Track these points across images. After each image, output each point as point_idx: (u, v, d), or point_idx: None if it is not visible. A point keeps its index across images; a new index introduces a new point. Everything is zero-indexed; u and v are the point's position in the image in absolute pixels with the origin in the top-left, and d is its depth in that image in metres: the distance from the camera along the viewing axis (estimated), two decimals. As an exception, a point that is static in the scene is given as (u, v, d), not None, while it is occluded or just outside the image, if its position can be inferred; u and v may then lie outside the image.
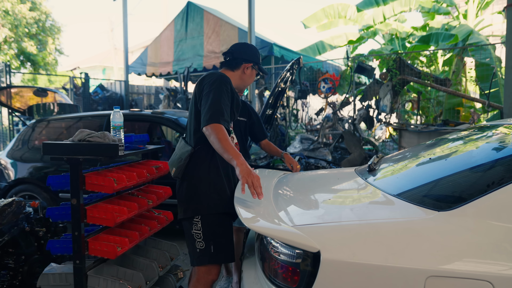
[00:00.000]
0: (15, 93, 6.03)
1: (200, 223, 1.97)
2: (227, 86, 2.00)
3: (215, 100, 1.90)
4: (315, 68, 9.63)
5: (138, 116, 4.32)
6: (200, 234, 1.96)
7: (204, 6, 9.84)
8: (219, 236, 1.98)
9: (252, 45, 2.33)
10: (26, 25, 15.36)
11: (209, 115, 1.86)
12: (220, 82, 1.97)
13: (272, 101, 4.15)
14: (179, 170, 2.03)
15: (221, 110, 1.88)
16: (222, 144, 1.80)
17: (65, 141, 2.10)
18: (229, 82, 2.05)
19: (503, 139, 1.92)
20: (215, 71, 2.11)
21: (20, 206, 2.73)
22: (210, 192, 2.00)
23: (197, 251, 1.97)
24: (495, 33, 10.77)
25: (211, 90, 1.94)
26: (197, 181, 2.01)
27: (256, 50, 2.31)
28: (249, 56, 2.22)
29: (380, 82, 6.57)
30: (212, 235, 1.97)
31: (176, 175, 2.06)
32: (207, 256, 1.95)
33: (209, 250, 1.95)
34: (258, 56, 2.28)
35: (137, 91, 12.40)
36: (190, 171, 2.03)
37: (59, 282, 2.23)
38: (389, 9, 10.01)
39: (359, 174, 2.26)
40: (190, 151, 2.01)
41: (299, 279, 1.39)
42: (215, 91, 1.93)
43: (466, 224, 1.36)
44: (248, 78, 2.24)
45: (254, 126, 2.97)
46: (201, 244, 1.96)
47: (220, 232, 1.99)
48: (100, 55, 29.81)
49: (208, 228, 1.97)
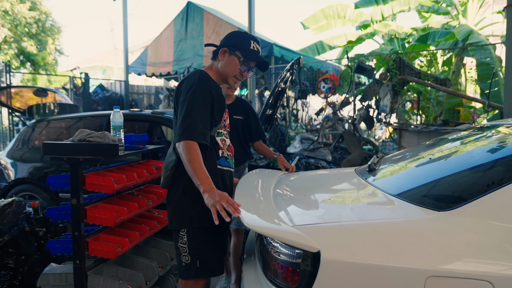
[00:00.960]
0: (15, 93, 6.03)
1: (185, 237, 1.85)
2: (205, 90, 1.83)
3: (188, 112, 1.76)
4: (315, 68, 9.64)
5: (138, 116, 4.32)
6: (186, 248, 1.85)
7: (204, 6, 9.84)
8: (205, 250, 1.86)
9: (241, 31, 2.06)
10: (26, 25, 15.36)
11: (181, 130, 1.74)
12: (196, 88, 1.81)
13: (272, 101, 4.15)
14: (166, 180, 1.92)
15: (194, 124, 1.74)
16: (191, 167, 1.69)
17: (65, 141, 2.10)
18: (208, 84, 1.87)
19: (503, 139, 1.92)
20: (195, 71, 1.94)
21: (20, 206, 2.73)
22: (195, 205, 1.84)
23: (182, 265, 1.86)
24: (495, 33, 10.78)
25: (186, 99, 1.80)
26: (182, 193, 1.88)
27: (240, 33, 2.01)
28: (226, 40, 1.97)
29: (380, 82, 6.57)
30: (198, 250, 1.85)
31: (164, 185, 1.94)
32: (192, 271, 1.84)
33: (195, 264, 1.84)
34: (240, 40, 1.96)
35: (137, 91, 12.41)
36: (176, 181, 1.90)
37: (59, 282, 2.23)
38: (388, 9, 10.01)
39: (359, 174, 2.26)
40: (175, 161, 1.87)
41: (299, 279, 1.39)
42: (190, 100, 1.79)
43: (466, 224, 1.36)
44: (225, 65, 1.94)
45: (250, 125, 2.93)
46: (186, 258, 1.85)
47: (206, 246, 1.87)
48: (100, 55, 29.80)
49: (194, 242, 1.85)
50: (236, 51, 1.92)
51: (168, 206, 1.94)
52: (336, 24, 10.96)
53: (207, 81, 1.89)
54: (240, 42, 1.94)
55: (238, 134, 2.88)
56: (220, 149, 1.97)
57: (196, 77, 1.86)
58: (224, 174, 1.97)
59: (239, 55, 1.92)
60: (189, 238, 1.85)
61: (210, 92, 1.86)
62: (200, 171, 1.69)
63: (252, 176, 2.43)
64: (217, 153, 1.95)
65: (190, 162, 1.70)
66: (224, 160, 1.98)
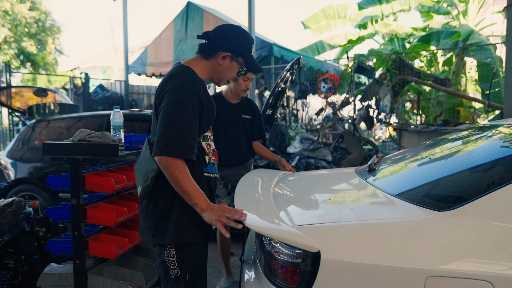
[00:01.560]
0: (15, 93, 6.03)
1: (173, 251, 1.68)
2: (194, 95, 1.61)
3: (172, 121, 1.54)
4: (315, 68, 9.63)
5: (138, 116, 4.32)
6: (174, 262, 1.69)
7: (204, 6, 9.84)
8: (194, 263, 1.73)
9: (240, 29, 1.76)
10: (26, 25, 15.35)
11: (163, 143, 1.52)
12: (184, 93, 1.58)
13: (272, 101, 4.15)
14: (146, 190, 1.68)
15: (181, 136, 1.53)
16: (181, 186, 1.53)
17: (65, 141, 2.10)
18: (197, 86, 1.65)
19: (503, 139, 1.92)
20: (182, 67, 1.70)
21: (20, 206, 2.73)
22: (182, 218, 1.66)
23: (171, 277, 1.71)
24: (495, 33, 10.78)
25: (171, 103, 1.56)
26: (167, 204, 1.68)
27: (244, 36, 1.76)
28: (229, 43, 1.70)
29: (380, 82, 6.57)
30: (188, 263, 1.71)
31: (142, 195, 1.70)
32: (182, 284, 1.70)
33: (185, 278, 1.70)
34: (245, 45, 1.74)
35: (137, 91, 12.39)
36: (159, 191, 1.68)
37: (59, 282, 2.23)
38: (388, 8, 10.01)
39: (359, 174, 2.26)
40: (157, 171, 1.62)
41: (299, 279, 1.39)
42: (176, 105, 1.56)
43: (466, 224, 1.36)
44: (224, 71, 1.75)
45: (254, 124, 2.99)
46: (175, 271, 1.70)
47: (195, 260, 1.74)
48: (100, 55, 29.81)
49: (183, 256, 1.70)
50: (238, 57, 1.73)
51: (148, 218, 1.72)
52: (336, 24, 10.95)
53: (196, 82, 1.66)
54: (245, 47, 1.74)
55: (246, 133, 2.95)
56: (206, 155, 1.78)
57: (184, 78, 1.63)
58: (211, 182, 1.81)
59: (242, 62, 1.75)
60: (177, 252, 1.69)
61: (199, 97, 1.64)
62: (192, 188, 1.54)
63: (252, 176, 2.43)
64: (204, 160, 1.77)
65: (179, 180, 1.52)
66: (211, 166, 1.82)
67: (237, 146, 2.89)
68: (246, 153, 2.97)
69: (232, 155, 2.87)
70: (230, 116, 2.88)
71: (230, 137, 2.88)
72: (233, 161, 2.89)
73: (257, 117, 3.00)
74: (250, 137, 2.99)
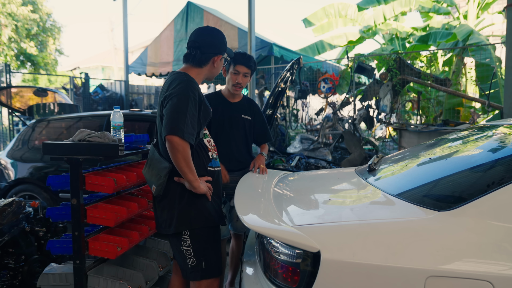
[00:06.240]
0: (15, 93, 6.04)
1: (189, 240, 1.91)
2: (195, 91, 1.88)
3: (180, 108, 1.79)
4: (315, 68, 9.63)
5: (138, 116, 4.32)
6: (190, 251, 1.91)
7: (204, 6, 9.84)
8: (209, 251, 1.95)
9: (215, 30, 2.06)
10: (27, 26, 15.35)
11: (174, 125, 1.76)
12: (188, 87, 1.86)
13: (272, 101, 4.14)
14: (160, 187, 1.91)
15: (186, 121, 1.78)
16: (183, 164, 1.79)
17: (65, 141, 2.10)
18: (197, 85, 1.94)
19: (503, 139, 1.92)
20: (179, 73, 1.95)
21: (20, 206, 2.73)
22: (193, 208, 1.92)
23: (188, 267, 1.93)
24: (495, 33, 10.77)
25: (177, 94, 1.82)
26: (180, 197, 1.92)
27: (222, 35, 2.07)
28: (217, 48, 2.01)
29: (380, 82, 6.57)
30: (203, 251, 1.93)
31: (158, 192, 1.93)
32: (199, 272, 1.92)
33: (201, 266, 1.92)
34: (225, 41, 2.07)
35: (137, 91, 12.39)
36: (172, 186, 1.92)
37: (59, 282, 2.23)
38: (389, 9, 10.00)
39: (359, 174, 2.26)
40: (169, 168, 1.87)
41: (299, 279, 1.39)
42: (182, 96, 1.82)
43: (466, 224, 1.36)
44: (218, 69, 2.08)
45: (256, 127, 2.75)
46: (192, 260, 1.92)
47: (209, 247, 1.96)
48: (100, 55, 29.80)
49: (198, 244, 1.92)
50: (225, 54, 2.07)
51: (163, 211, 1.96)
52: (337, 23, 10.94)
53: (195, 83, 1.94)
54: (224, 42, 2.06)
55: (245, 135, 2.69)
56: (209, 151, 2.03)
57: (185, 79, 1.90)
58: (215, 175, 2.04)
59: (226, 56, 2.10)
60: (192, 240, 1.91)
61: (199, 93, 1.92)
62: (192, 168, 1.83)
63: (252, 176, 2.43)
64: (208, 156, 2.01)
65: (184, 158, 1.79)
66: (214, 161, 2.05)
67: (235, 148, 2.63)
68: (244, 157, 2.68)
69: (227, 160, 2.54)
70: (228, 115, 2.63)
71: (227, 138, 2.61)
72: (228, 166, 2.56)
73: (259, 119, 2.75)
74: (250, 140, 2.73)
